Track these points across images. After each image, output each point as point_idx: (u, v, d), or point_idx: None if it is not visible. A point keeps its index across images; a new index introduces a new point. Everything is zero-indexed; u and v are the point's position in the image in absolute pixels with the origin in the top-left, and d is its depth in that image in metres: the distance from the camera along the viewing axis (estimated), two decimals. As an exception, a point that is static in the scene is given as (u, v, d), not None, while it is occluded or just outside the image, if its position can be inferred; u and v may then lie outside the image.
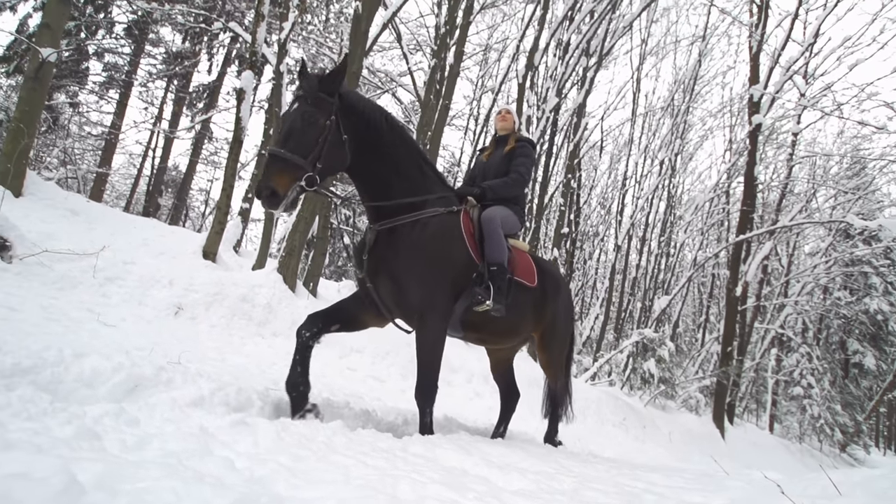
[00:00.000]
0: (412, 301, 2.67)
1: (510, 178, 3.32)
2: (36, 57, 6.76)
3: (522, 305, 3.18)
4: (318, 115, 2.43)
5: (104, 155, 14.90)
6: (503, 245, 2.94)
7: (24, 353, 1.94)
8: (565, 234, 13.39)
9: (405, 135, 2.87)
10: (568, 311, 3.95)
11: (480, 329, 3.07)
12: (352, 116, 2.59)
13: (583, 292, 23.18)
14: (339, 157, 2.54)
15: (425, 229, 2.72)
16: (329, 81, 2.49)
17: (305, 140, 2.38)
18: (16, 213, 5.38)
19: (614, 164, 19.76)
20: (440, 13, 12.67)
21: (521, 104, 9.17)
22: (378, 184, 2.72)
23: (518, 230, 3.39)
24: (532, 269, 3.31)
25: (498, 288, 2.81)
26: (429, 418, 2.69)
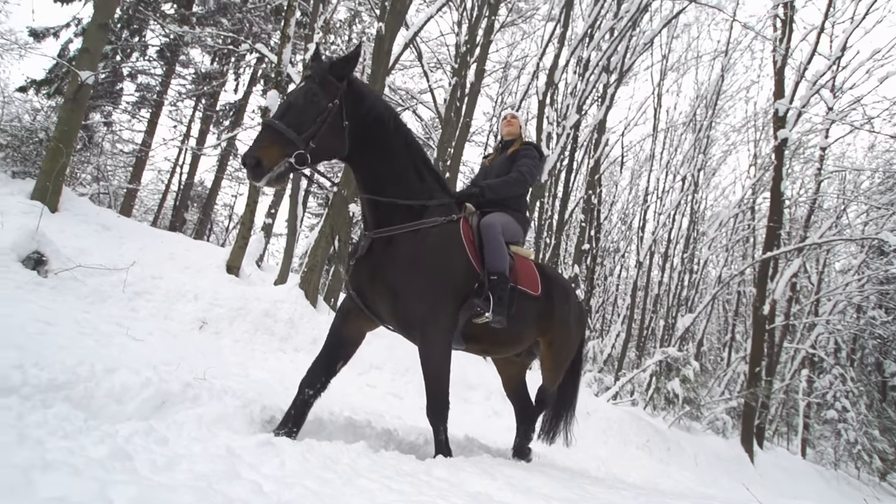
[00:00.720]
0: (413, 317, 2.57)
1: (510, 177, 3.19)
2: (75, 80, 7.07)
3: (526, 315, 3.05)
4: (321, 96, 2.36)
5: (135, 171, 15.40)
6: (504, 252, 2.82)
7: (59, 368, 1.99)
8: (586, 250, 13.25)
9: (410, 137, 2.77)
10: (579, 317, 3.76)
11: (482, 340, 2.96)
12: (358, 105, 2.50)
13: (603, 309, 22.82)
14: (336, 143, 2.44)
15: (425, 241, 2.62)
16: (340, 66, 2.44)
17: (303, 117, 2.31)
18: (52, 228, 5.58)
19: (635, 179, 19.59)
20: (460, 32, 12.87)
21: (541, 121, 9.19)
22: (375, 182, 2.61)
23: (521, 237, 3.26)
24: (535, 278, 3.17)
25: (499, 298, 2.69)
26: (443, 436, 2.61)
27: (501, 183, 3.15)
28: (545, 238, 13.40)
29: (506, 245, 2.92)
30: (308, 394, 2.57)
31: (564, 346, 3.57)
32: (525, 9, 13.94)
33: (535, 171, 3.26)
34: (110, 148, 16.65)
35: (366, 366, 5.80)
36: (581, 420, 8.46)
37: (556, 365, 3.59)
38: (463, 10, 12.44)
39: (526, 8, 13.93)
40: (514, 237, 3.15)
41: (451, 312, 2.64)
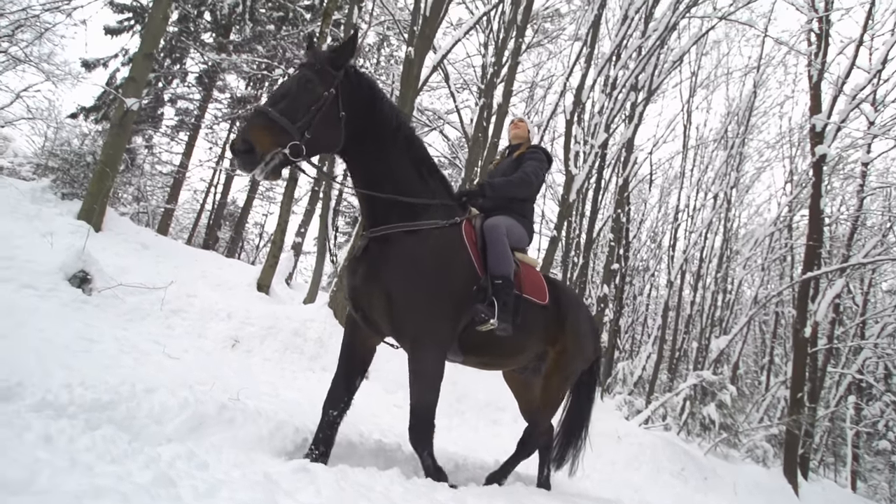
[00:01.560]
0: (406, 323, 2.38)
1: (514, 177, 3.03)
2: (121, 106, 7.46)
3: (531, 324, 2.83)
4: (316, 84, 2.23)
5: (172, 191, 16.02)
6: (508, 256, 2.64)
7: (103, 388, 2.05)
8: (615, 269, 13.01)
9: (412, 135, 2.64)
10: (593, 330, 3.48)
11: (483, 351, 2.74)
12: (355, 96, 2.37)
13: (633, 329, 22.26)
14: (332, 135, 2.30)
15: (425, 242, 2.44)
16: (337, 55, 2.32)
17: (297, 105, 2.17)
18: (96, 247, 5.83)
19: (664, 197, 19.22)
20: (486, 53, 13.04)
21: (568, 140, 9.17)
22: (372, 179, 2.46)
23: (526, 244, 3.10)
24: (542, 286, 2.98)
25: (504, 304, 2.48)
26: (430, 461, 2.38)
27: (504, 182, 2.99)
28: (573, 257, 13.22)
29: (511, 250, 2.76)
30: (332, 415, 2.51)
31: (576, 358, 3.25)
32: (551, 29, 14.06)
33: (540, 173, 3.09)
34: (150, 169, 17.40)
35: (393, 385, 5.78)
36: (612, 445, 8.19)
37: (562, 380, 3.21)
38: (489, 32, 12.64)
39: (552, 29, 14.05)
40: (519, 243, 2.98)
41: (450, 325, 2.46)
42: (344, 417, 2.58)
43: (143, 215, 14.98)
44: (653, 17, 10.64)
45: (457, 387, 6.46)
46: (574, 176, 9.05)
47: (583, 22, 11.44)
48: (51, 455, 1.16)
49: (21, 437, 1.27)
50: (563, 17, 14.37)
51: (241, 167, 2.07)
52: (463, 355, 2.73)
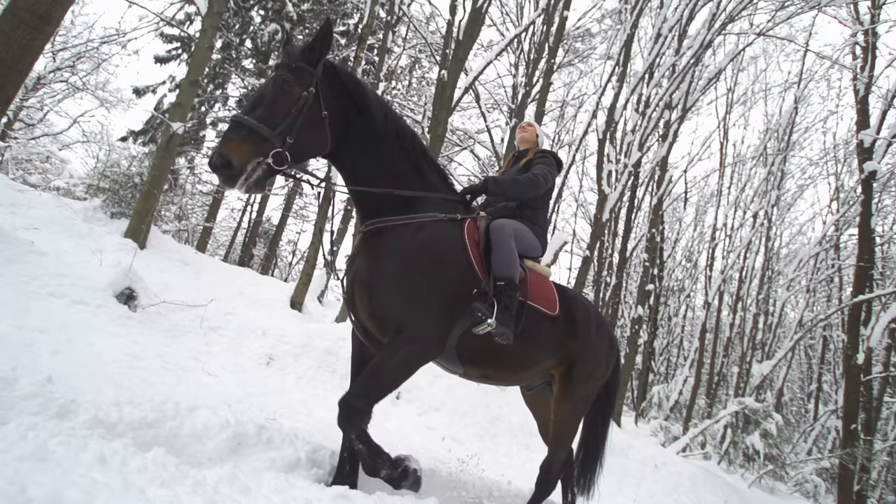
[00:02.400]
0: (388, 313, 2.20)
1: (521, 177, 2.83)
2: (168, 130, 7.84)
3: (538, 335, 2.60)
4: (293, 84, 2.09)
5: (211, 210, 16.62)
6: (513, 258, 2.44)
7: (149, 407, 2.10)
8: (649, 290, 12.66)
9: (403, 127, 2.47)
10: (610, 348, 3.13)
11: (483, 363, 2.53)
12: (337, 92, 2.23)
13: (668, 352, 21.52)
14: (317, 137, 2.17)
15: (416, 235, 2.29)
16: (311, 50, 2.17)
17: (276, 109, 2.04)
18: (141, 264, 6.07)
19: (700, 215, 18.71)
20: (517, 73, 13.14)
21: (601, 159, 9.08)
22: (364, 178, 2.32)
23: (538, 254, 2.91)
24: (552, 296, 2.75)
25: (505, 307, 2.28)
26: (360, 445, 2.09)
27: (510, 181, 2.81)
28: (605, 277, 12.96)
29: (519, 256, 2.57)
30: None
31: (590, 380, 2.95)
32: (582, 49, 14.08)
33: (549, 176, 2.90)
34: (191, 189, 18.17)
35: (425, 406, 5.73)
36: (649, 473, 7.85)
37: (574, 404, 2.92)
38: (519, 52, 12.75)
39: (583, 48, 14.08)
40: (529, 250, 2.80)
41: (439, 320, 2.23)
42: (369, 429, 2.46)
43: (184, 233, 15.58)
44: (686, 34, 10.52)
45: (490, 409, 6.35)
46: (607, 195, 8.92)
47: (614, 41, 11.42)
48: (106, 477, 1.19)
49: (78, 457, 1.32)
50: (593, 36, 14.38)
51: (223, 183, 1.97)
52: (462, 365, 2.51)
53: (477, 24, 6.80)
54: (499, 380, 2.87)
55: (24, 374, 1.74)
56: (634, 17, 9.02)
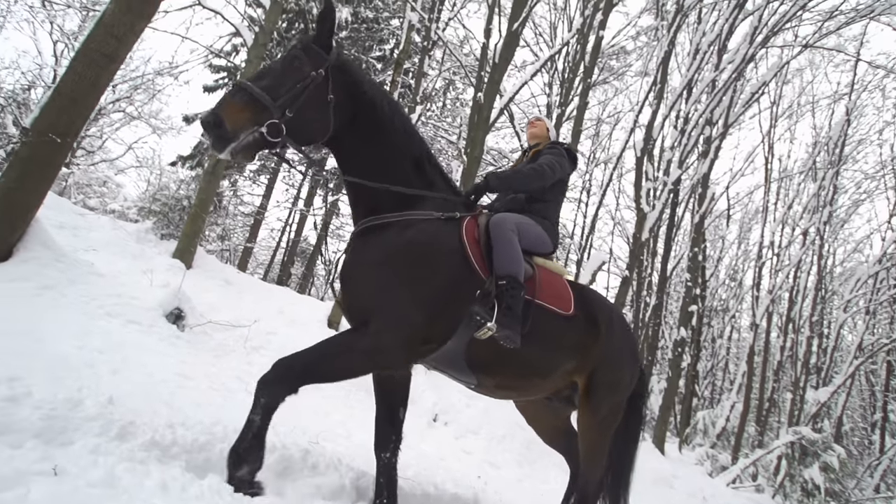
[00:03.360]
0: (357, 301, 2.10)
1: (524, 167, 2.66)
2: (214, 155, 8.22)
3: (551, 337, 2.39)
4: (304, 63, 2.06)
5: (252, 230, 17.21)
6: (516, 255, 2.27)
7: (200, 429, 2.15)
8: (692, 311, 12.20)
9: (409, 126, 2.41)
10: (632, 354, 2.85)
11: (495, 371, 2.34)
12: (347, 83, 2.18)
13: (713, 375, 20.57)
14: (319, 119, 2.09)
15: (404, 231, 2.17)
16: (319, 32, 2.16)
17: (282, 82, 1.99)
18: (187, 284, 6.30)
19: (744, 233, 18.00)
20: (551, 93, 13.15)
21: (639, 177, 8.91)
22: (361, 170, 2.23)
23: (548, 249, 2.68)
24: (566, 294, 2.52)
25: (508, 308, 2.12)
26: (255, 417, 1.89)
27: (511, 173, 2.63)
28: (645, 297, 12.58)
29: (526, 252, 2.42)
30: (385, 458, 2.36)
31: (617, 388, 2.68)
32: (617, 66, 13.99)
33: (556, 166, 2.70)
34: (233, 210, 18.92)
35: (462, 430, 5.65)
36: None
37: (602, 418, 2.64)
38: (553, 72, 12.78)
39: (618, 66, 13.98)
40: (537, 245, 2.59)
41: (419, 319, 2.05)
42: (399, 455, 2.41)
43: (226, 252, 16.17)
44: (726, 49, 10.30)
45: (527, 433, 6.18)
46: (646, 214, 8.71)
47: (651, 57, 11.29)
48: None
49: (142, 483, 1.36)
50: (628, 53, 14.28)
51: (212, 146, 1.89)
52: (473, 374, 2.32)
53: (512, 47, 6.87)
54: (514, 389, 2.59)
55: (88, 396, 1.82)
56: (672, 34, 8.91)
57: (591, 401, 2.61)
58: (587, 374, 2.60)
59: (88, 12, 12.53)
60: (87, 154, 17.08)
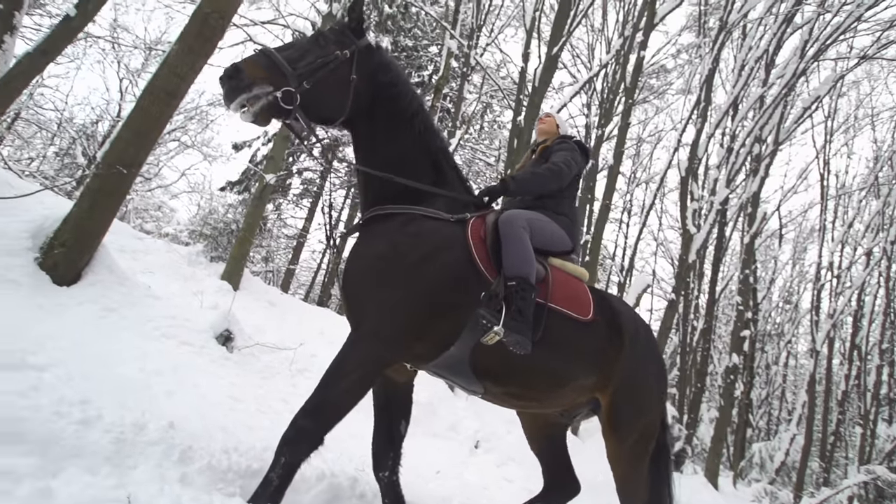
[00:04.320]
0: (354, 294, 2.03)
1: (541, 168, 2.53)
2: (262, 181, 8.57)
3: (566, 345, 2.20)
4: (330, 42, 2.08)
5: (294, 252, 17.73)
6: (527, 254, 2.12)
7: (252, 454, 2.19)
8: (745, 336, 11.58)
9: (430, 124, 2.35)
10: (659, 372, 2.58)
11: (504, 379, 2.17)
12: (374, 66, 2.16)
13: (768, 404, 19.34)
14: (338, 95, 2.06)
15: (406, 227, 2.08)
16: (350, 18, 2.18)
17: (304, 55, 2.01)
18: (235, 305, 6.53)
19: (799, 253, 17.07)
20: (589, 113, 13.07)
21: (684, 197, 8.64)
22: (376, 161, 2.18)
23: (567, 248, 2.50)
24: (585, 299, 2.32)
25: (518, 311, 1.97)
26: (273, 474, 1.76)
27: (529, 175, 2.49)
28: (692, 321, 12.05)
29: (539, 252, 2.27)
30: (384, 476, 2.23)
31: (644, 407, 2.42)
32: (657, 85, 13.78)
33: (572, 162, 2.58)
34: (277, 232, 19.60)
35: (503, 457, 5.51)
36: (758, 550, 6.89)
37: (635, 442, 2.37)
38: (592, 92, 12.72)
39: (658, 84, 13.77)
40: (552, 244, 2.42)
41: (401, 325, 1.95)
42: (400, 469, 2.28)
43: (270, 274, 16.69)
44: (774, 64, 9.97)
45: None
46: (692, 235, 8.41)
47: (693, 75, 11.06)
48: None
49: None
50: (668, 72, 14.06)
51: (225, 96, 1.86)
52: (479, 382, 2.16)
53: (551, 71, 6.90)
54: (526, 400, 2.36)
55: (151, 420, 1.89)
56: (716, 50, 8.71)
57: (617, 425, 2.36)
58: (610, 390, 2.35)
59: (151, 51, 13.54)
60: (144, 181, 18.18)
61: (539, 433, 2.77)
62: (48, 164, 16.47)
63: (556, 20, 7.37)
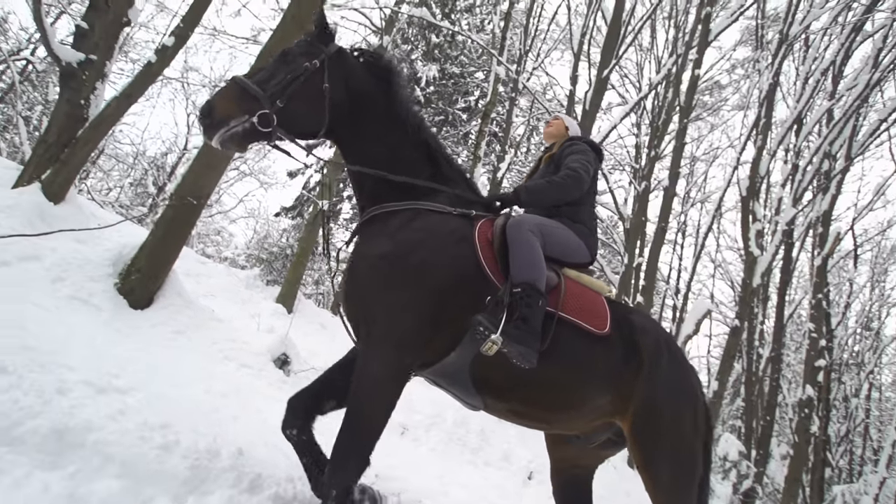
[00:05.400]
0: (363, 311, 1.92)
1: (557, 177, 2.31)
2: (315, 206, 8.91)
3: (577, 360, 2.01)
4: (298, 55, 2.05)
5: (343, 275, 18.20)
6: (536, 260, 1.96)
7: (314, 482, 2.19)
8: (820, 366, 10.69)
9: (421, 121, 2.25)
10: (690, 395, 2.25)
11: (506, 394, 2.01)
12: (347, 71, 2.11)
13: (849, 441, 17.64)
14: (311, 109, 2.03)
15: (409, 223, 1.99)
16: (318, 29, 2.14)
17: (274, 75, 2.00)
18: (289, 329, 6.73)
19: (878, 275, 15.71)
20: (639, 133, 12.79)
21: (746, 218, 8.20)
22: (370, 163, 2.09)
23: (585, 259, 2.32)
24: (601, 311, 2.13)
25: (523, 319, 1.82)
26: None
27: (544, 185, 2.29)
28: (758, 348, 11.28)
29: (552, 261, 2.12)
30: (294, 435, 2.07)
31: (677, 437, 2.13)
32: (711, 102, 13.33)
33: (588, 165, 2.37)
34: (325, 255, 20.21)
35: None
36: None
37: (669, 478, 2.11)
38: (642, 112, 12.46)
39: (712, 101, 13.31)
40: (567, 253, 2.24)
41: (418, 326, 1.85)
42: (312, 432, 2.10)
43: (321, 296, 17.16)
44: (843, 75, 9.41)
45: (630, 498, 5.67)
46: (756, 258, 7.94)
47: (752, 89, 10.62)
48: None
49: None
50: (723, 87, 13.59)
51: (203, 133, 1.94)
52: (479, 395, 2.02)
53: (601, 93, 6.82)
54: (531, 419, 2.16)
55: (222, 445, 1.94)
56: (778, 63, 8.34)
57: (644, 454, 2.09)
58: (630, 414, 2.10)
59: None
60: (207, 207, 19.35)
61: (564, 476, 2.47)
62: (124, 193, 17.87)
63: (606, 43, 7.31)
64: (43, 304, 3.06)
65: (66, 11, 11.51)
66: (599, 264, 12.45)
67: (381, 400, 1.88)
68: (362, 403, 1.86)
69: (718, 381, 7.91)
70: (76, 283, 3.75)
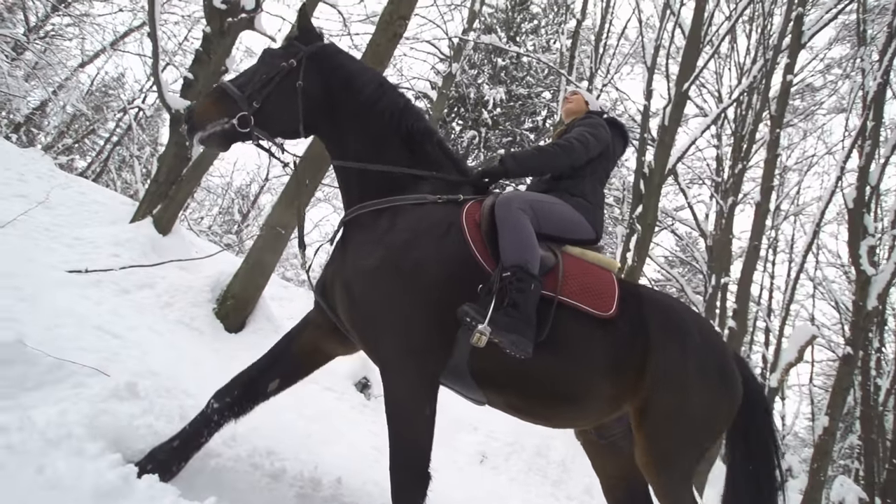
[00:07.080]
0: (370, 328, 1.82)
1: (546, 145, 2.23)
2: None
3: (578, 347, 1.85)
4: (275, 56, 2.10)
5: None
6: (526, 240, 1.82)
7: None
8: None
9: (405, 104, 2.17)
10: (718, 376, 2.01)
11: (504, 387, 1.88)
12: (322, 66, 2.11)
13: None
14: (286, 107, 2.03)
15: (395, 221, 1.89)
16: (300, 29, 2.19)
17: (253, 77, 2.05)
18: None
19: None
20: (720, 145, 12.03)
21: (855, 233, 7.37)
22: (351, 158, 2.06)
23: (587, 235, 2.14)
24: (608, 290, 1.94)
25: (512, 304, 1.70)
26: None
27: (531, 151, 2.21)
28: (875, 379, 9.98)
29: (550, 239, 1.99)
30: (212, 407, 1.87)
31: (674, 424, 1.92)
32: (803, 107, 12.29)
33: (590, 139, 2.22)
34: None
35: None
36: None
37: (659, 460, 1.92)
38: (722, 122, 11.74)
39: (804, 106, 12.28)
40: (565, 230, 2.09)
41: (424, 329, 1.76)
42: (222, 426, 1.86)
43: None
44: (966, 69, 8.29)
45: None
46: (870, 277, 7.08)
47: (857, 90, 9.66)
48: None
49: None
50: (816, 90, 12.50)
51: (186, 133, 2.06)
52: (481, 390, 1.92)
53: (682, 107, 6.50)
54: (530, 414, 2.03)
55: (323, 475, 1.99)
56: (887, 61, 7.53)
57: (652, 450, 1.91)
58: (639, 397, 1.92)
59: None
60: (285, 233, 20.59)
61: (615, 487, 2.24)
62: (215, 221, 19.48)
63: (685, 55, 6.98)
64: (156, 329, 3.34)
65: (172, 63, 12.94)
66: (679, 283, 11.68)
67: (418, 419, 1.81)
68: (401, 430, 1.82)
69: (829, 417, 7.06)
70: (182, 308, 4.08)
